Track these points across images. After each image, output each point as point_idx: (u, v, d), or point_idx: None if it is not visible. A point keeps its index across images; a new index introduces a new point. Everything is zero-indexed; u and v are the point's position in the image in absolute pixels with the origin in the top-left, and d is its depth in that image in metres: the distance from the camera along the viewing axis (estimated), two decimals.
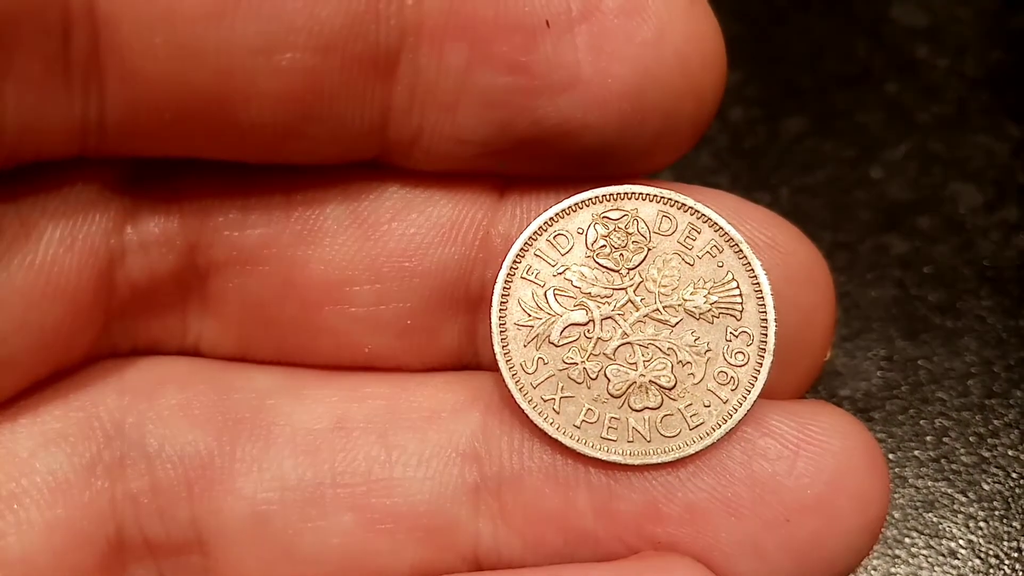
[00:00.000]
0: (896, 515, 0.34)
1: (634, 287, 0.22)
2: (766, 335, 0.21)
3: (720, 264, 0.22)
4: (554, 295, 0.22)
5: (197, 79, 0.19)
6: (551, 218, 0.22)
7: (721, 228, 0.22)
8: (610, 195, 0.22)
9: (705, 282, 0.22)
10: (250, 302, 0.23)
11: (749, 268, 0.22)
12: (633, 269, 0.22)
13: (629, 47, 0.20)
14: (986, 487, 0.34)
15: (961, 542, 0.33)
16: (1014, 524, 0.34)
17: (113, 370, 0.23)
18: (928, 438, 0.35)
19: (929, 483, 0.34)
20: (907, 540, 0.33)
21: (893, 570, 0.33)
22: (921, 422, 0.35)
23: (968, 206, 0.39)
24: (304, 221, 0.23)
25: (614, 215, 0.22)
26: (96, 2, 0.19)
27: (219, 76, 0.19)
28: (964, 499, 0.34)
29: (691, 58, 0.20)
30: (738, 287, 0.22)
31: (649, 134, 0.21)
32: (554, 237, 0.22)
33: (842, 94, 0.41)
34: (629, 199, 0.22)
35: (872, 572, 0.33)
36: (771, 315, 0.21)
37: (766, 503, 0.21)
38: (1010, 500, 0.34)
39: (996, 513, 0.34)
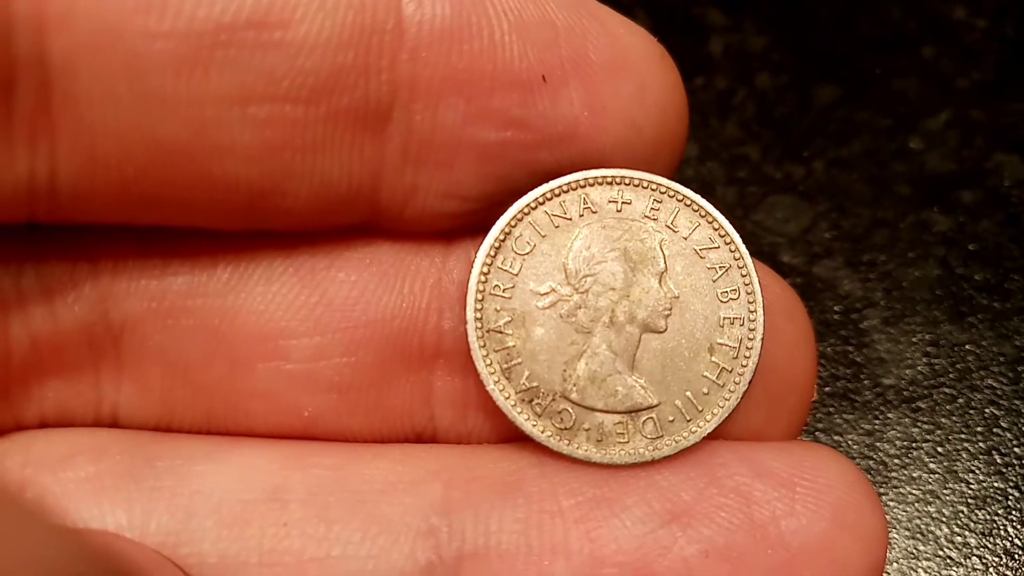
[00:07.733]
0: (946, 512, 0.32)
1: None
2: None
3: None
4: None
5: (165, 131, 0.18)
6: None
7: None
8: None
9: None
10: (173, 362, 0.21)
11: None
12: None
13: (617, 101, 0.20)
14: None
15: (1016, 541, 0.32)
16: None
17: (17, 442, 0.21)
18: (978, 429, 0.33)
19: (980, 478, 0.32)
20: (958, 539, 0.32)
21: (946, 572, 0.31)
22: (970, 412, 0.33)
23: (1013, 178, 0.37)
24: (232, 267, 0.21)
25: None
26: (48, 49, 0.17)
27: (189, 127, 0.18)
28: (1018, 494, 0.32)
29: (668, 110, 0.21)
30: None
31: None
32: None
33: (876, 59, 0.39)
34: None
35: (924, 575, 0.31)
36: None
37: (769, 547, 0.20)
38: None
39: None
